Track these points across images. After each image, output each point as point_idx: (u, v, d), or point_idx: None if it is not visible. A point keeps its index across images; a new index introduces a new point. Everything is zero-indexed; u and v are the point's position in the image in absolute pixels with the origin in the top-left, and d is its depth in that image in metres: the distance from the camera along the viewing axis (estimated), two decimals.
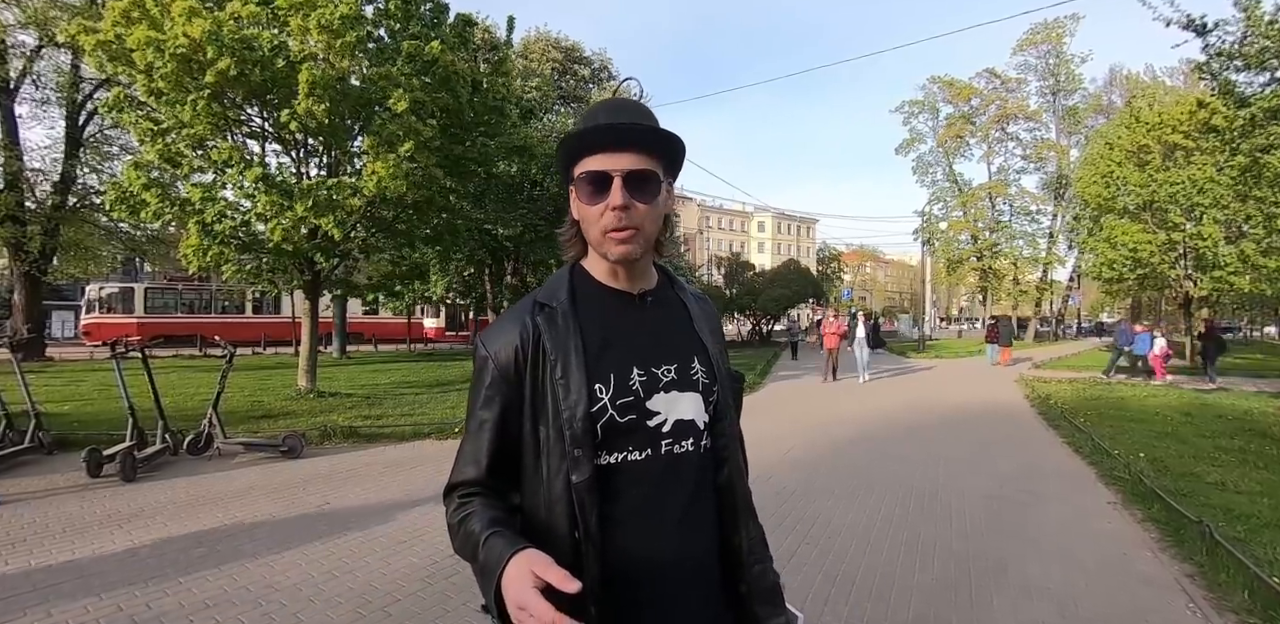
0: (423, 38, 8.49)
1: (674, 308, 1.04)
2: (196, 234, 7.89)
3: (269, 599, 2.91)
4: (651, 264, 1.03)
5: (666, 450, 0.93)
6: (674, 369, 0.96)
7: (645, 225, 0.91)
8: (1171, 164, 16.75)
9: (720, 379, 1.01)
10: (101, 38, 7.57)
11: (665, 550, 0.91)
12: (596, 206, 0.90)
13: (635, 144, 0.90)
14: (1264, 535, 3.84)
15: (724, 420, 1.01)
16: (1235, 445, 6.55)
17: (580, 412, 0.87)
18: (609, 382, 0.90)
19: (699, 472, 0.97)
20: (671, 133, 0.92)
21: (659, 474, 0.92)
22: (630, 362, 0.93)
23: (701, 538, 0.96)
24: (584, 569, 0.83)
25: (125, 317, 21.01)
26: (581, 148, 0.91)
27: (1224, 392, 11.54)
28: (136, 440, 5.18)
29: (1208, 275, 16.25)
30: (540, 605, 0.69)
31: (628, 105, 0.95)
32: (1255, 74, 7.54)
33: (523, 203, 14.25)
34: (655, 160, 0.92)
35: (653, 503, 0.91)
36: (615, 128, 0.90)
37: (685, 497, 0.94)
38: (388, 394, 9.93)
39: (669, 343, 0.99)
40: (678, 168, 0.98)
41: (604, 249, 0.92)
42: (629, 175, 0.89)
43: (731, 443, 1.02)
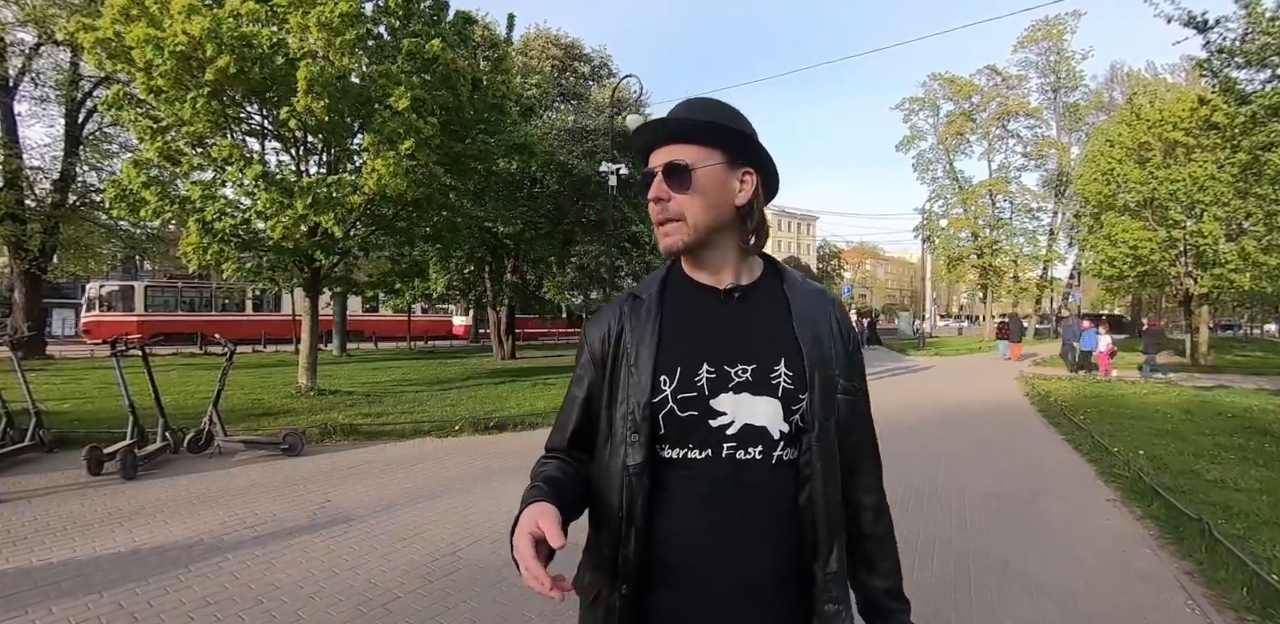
0: (423, 35, 8.46)
1: (770, 305, 0.97)
2: (196, 232, 7.88)
3: (270, 597, 2.91)
4: (741, 257, 0.98)
5: (729, 454, 0.90)
6: (751, 370, 0.91)
7: (689, 215, 0.92)
8: (1172, 161, 16.73)
9: (818, 387, 0.92)
10: (100, 35, 7.55)
11: (713, 553, 0.89)
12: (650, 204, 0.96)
13: (671, 137, 0.94)
14: (1263, 533, 3.85)
15: (811, 433, 0.91)
16: (1235, 443, 6.56)
17: (643, 400, 0.91)
18: (674, 374, 0.91)
19: (770, 483, 0.91)
20: (706, 121, 0.93)
21: (719, 477, 0.90)
22: (701, 357, 0.92)
23: (763, 552, 0.90)
24: (623, 549, 0.90)
25: (125, 315, 21.00)
26: (641, 151, 0.99)
27: (1224, 389, 11.55)
28: (137, 438, 5.18)
29: (1208, 273, 16.25)
30: (524, 549, 0.78)
31: (690, 103, 0.97)
32: (1256, 71, 7.53)
33: (523, 200, 14.24)
34: (699, 150, 0.92)
35: (708, 504, 0.90)
36: (649, 126, 0.96)
37: (746, 505, 0.90)
38: (388, 392, 9.94)
39: (751, 342, 0.94)
40: (745, 152, 0.94)
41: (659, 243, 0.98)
42: (665, 168, 0.93)
43: (820, 462, 0.91)
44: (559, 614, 2.79)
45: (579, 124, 15.61)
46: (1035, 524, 4.13)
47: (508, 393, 9.95)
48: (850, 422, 0.97)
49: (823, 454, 0.92)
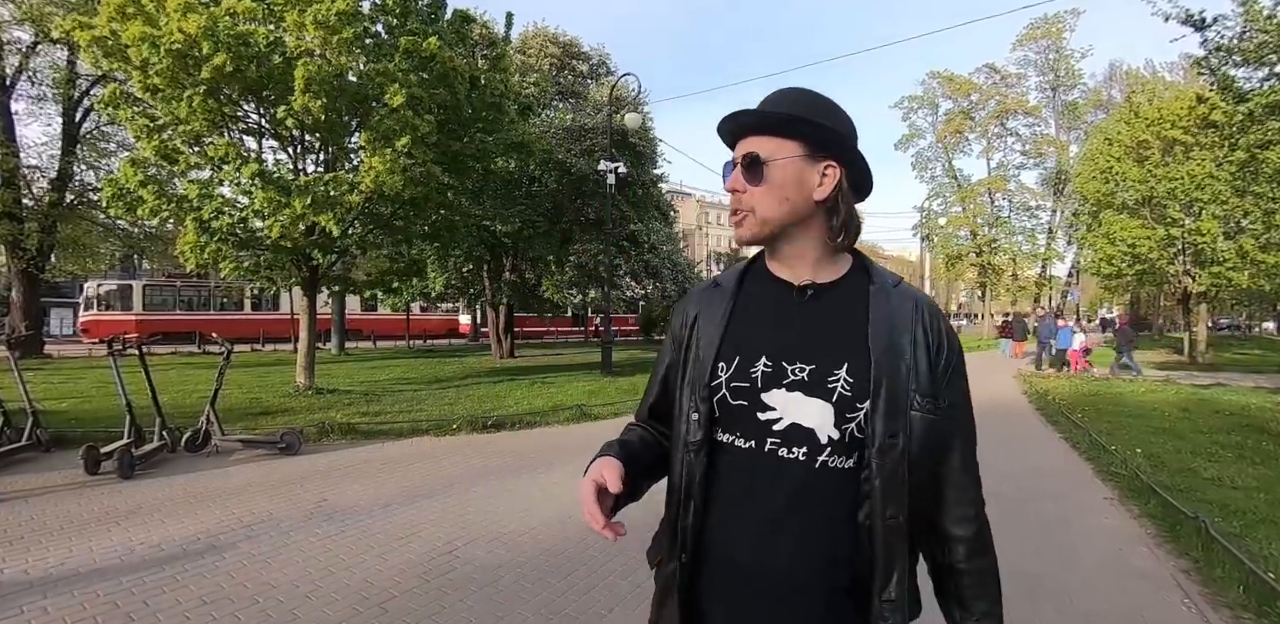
0: (420, 34, 8.44)
1: (847, 306, 0.92)
2: (194, 231, 7.87)
3: (266, 596, 2.91)
4: (823, 253, 0.94)
5: (770, 449, 0.89)
6: (809, 370, 0.89)
7: (758, 208, 0.92)
8: (1170, 159, 16.74)
9: (883, 398, 0.86)
10: (97, 33, 7.52)
11: (747, 546, 0.90)
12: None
13: (752, 129, 0.94)
14: (1259, 531, 3.85)
15: (871, 447, 0.86)
16: (1232, 441, 6.56)
17: (702, 381, 0.94)
18: (732, 363, 0.93)
19: (813, 487, 0.88)
20: (782, 113, 0.92)
21: (760, 471, 0.90)
22: (761, 350, 0.92)
23: (807, 557, 0.88)
24: (681, 521, 0.95)
25: (123, 314, 20.98)
26: (726, 141, 0.99)
27: (1222, 387, 11.57)
28: (134, 438, 5.17)
29: (1206, 271, 16.28)
30: (586, 493, 0.90)
31: (780, 94, 0.95)
32: (1254, 69, 7.53)
33: (521, 199, 14.23)
34: (777, 143, 0.91)
35: (751, 495, 0.91)
36: (730, 116, 0.96)
37: (782, 503, 0.88)
38: (386, 391, 9.93)
39: (817, 342, 0.91)
40: (828, 146, 0.91)
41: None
42: (742, 160, 0.93)
43: (879, 479, 0.85)
44: (556, 612, 2.79)
45: (577, 122, 15.59)
46: (1033, 523, 4.13)
47: (506, 392, 9.95)
48: (929, 443, 0.88)
49: (883, 471, 0.85)
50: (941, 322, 0.93)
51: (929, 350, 0.90)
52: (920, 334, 0.90)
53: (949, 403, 0.91)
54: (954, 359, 0.93)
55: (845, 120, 0.93)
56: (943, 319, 0.93)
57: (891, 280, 0.95)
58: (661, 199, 17.88)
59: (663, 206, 17.87)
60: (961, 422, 0.93)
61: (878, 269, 0.97)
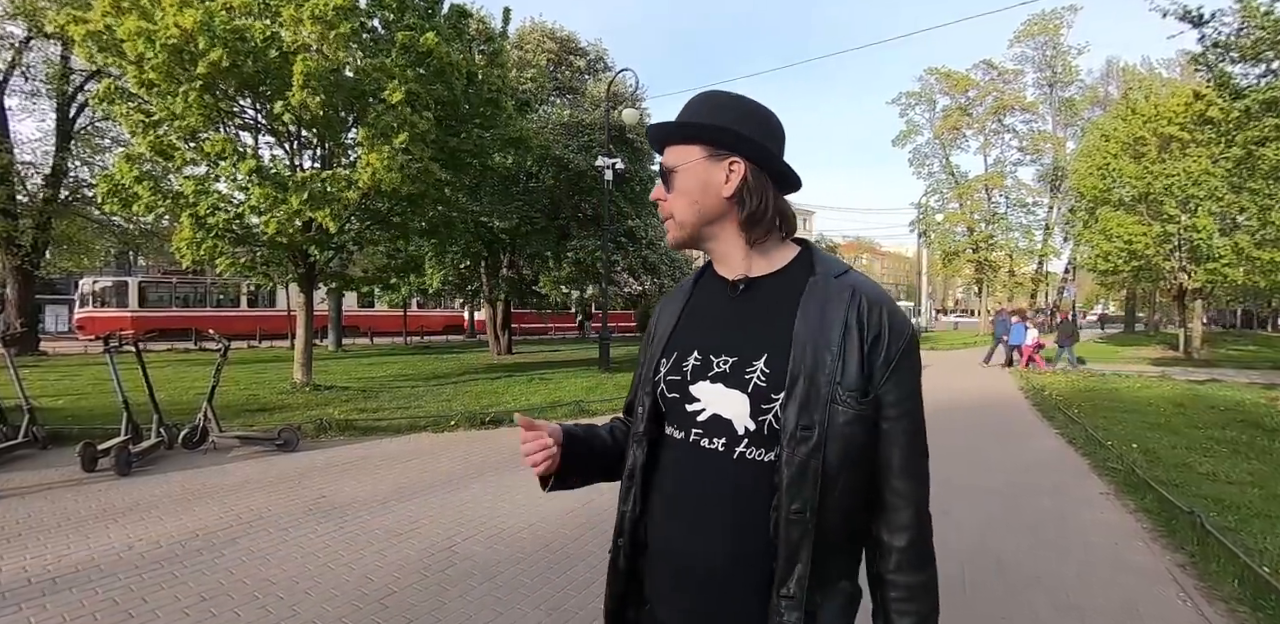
0: (417, 29, 8.40)
1: (778, 297, 0.92)
2: (190, 227, 7.84)
3: (265, 592, 2.91)
4: (752, 248, 0.95)
5: (695, 440, 0.93)
6: (731, 362, 0.91)
7: (675, 213, 0.96)
8: (1167, 156, 16.76)
9: (799, 390, 0.84)
10: (91, 28, 7.47)
11: (676, 532, 0.94)
12: None
13: (661, 142, 0.99)
14: (1254, 525, 3.88)
15: (784, 441, 0.84)
16: (1227, 436, 6.60)
17: (647, 377, 1.00)
18: (671, 358, 0.98)
19: (731, 478, 0.89)
20: (676, 122, 0.96)
21: (686, 460, 0.94)
22: (694, 344, 0.96)
23: (723, 546, 0.89)
24: (624, 508, 1.02)
25: (119, 310, 20.88)
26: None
27: (1217, 383, 11.63)
28: (131, 434, 5.16)
29: (1202, 267, 16.33)
30: (526, 437, 1.02)
31: (687, 104, 0.98)
32: (1251, 66, 7.54)
33: (518, 195, 14.19)
34: (680, 150, 0.95)
35: (678, 484, 0.95)
36: (648, 133, 1.01)
37: (704, 493, 0.91)
38: (384, 387, 9.92)
39: (740, 334, 0.93)
40: (726, 143, 0.92)
41: None
42: (659, 172, 0.99)
43: (788, 470, 0.84)
44: (555, 607, 2.79)
45: (575, 118, 15.54)
46: (1029, 518, 4.15)
47: (504, 388, 9.95)
48: (856, 440, 0.85)
49: (792, 464, 0.84)
50: (882, 311, 0.88)
51: (862, 341, 0.86)
52: (854, 324, 0.86)
53: (889, 399, 0.87)
54: (895, 352, 0.87)
55: (750, 116, 0.94)
56: (885, 309, 0.88)
57: (835, 270, 0.93)
58: None
59: None
60: (903, 420, 0.88)
61: (823, 259, 0.95)
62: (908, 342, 0.89)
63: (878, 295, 0.90)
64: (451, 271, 15.49)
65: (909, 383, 0.89)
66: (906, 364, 0.89)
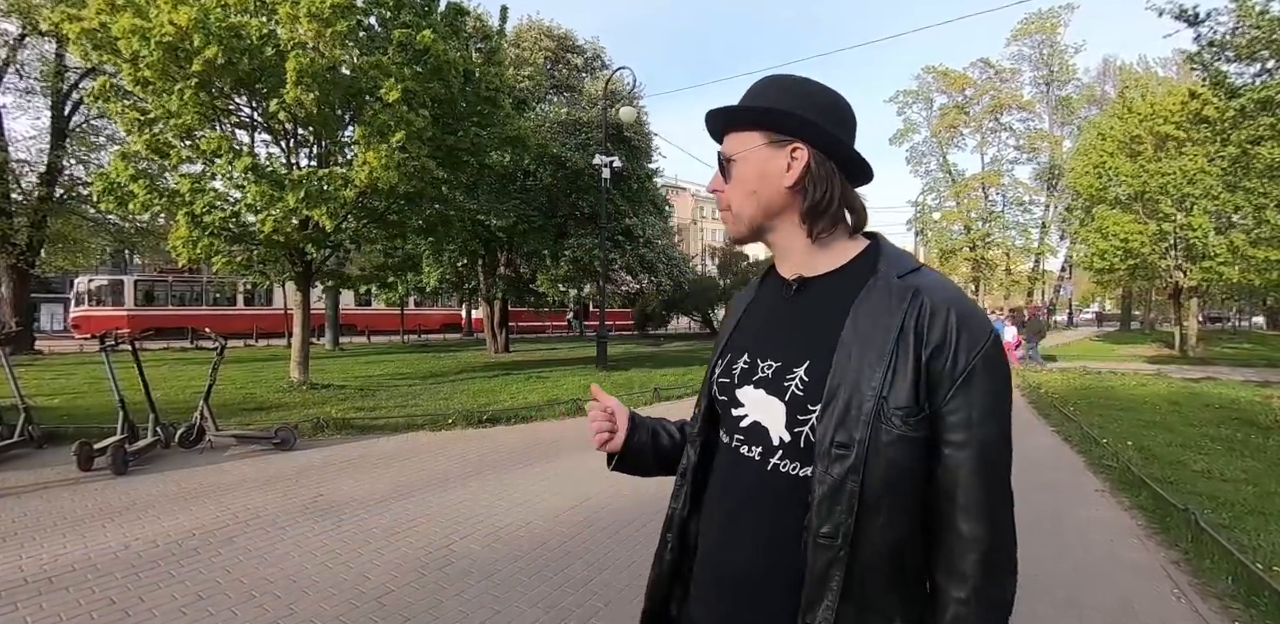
0: (414, 27, 8.38)
1: (833, 299, 0.84)
2: (186, 225, 7.82)
3: (262, 591, 2.91)
4: (813, 244, 0.88)
5: (736, 446, 0.89)
6: (775, 368, 0.85)
7: (733, 205, 0.90)
8: (1163, 155, 16.81)
9: (838, 403, 0.77)
10: (86, 26, 7.44)
11: (714, 536, 0.92)
12: None
13: (720, 129, 0.93)
14: (1248, 522, 3.90)
15: (817, 457, 0.77)
16: (1222, 434, 6.63)
17: (706, 377, 0.99)
18: (725, 359, 0.95)
19: (764, 489, 0.85)
20: (735, 107, 0.89)
21: (729, 466, 0.91)
22: (745, 346, 0.92)
23: (749, 552, 0.85)
24: (674, 504, 1.00)
25: (115, 309, 20.84)
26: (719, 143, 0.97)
27: (1212, 381, 11.68)
28: (128, 433, 5.15)
29: (1197, 265, 16.39)
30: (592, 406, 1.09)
31: (750, 88, 0.91)
32: (1246, 65, 7.56)
33: (516, 193, 14.19)
34: (740, 137, 0.89)
35: (720, 489, 0.93)
36: (707, 119, 0.93)
37: (741, 500, 0.88)
38: (381, 386, 9.91)
39: (788, 338, 0.87)
40: (789, 128, 0.85)
41: None
42: (717, 160, 0.93)
43: (820, 488, 0.76)
44: (553, 605, 2.80)
45: (572, 117, 15.53)
46: (1024, 515, 4.13)
47: (501, 386, 9.95)
48: (904, 464, 0.76)
49: (824, 484, 0.76)
50: (949, 316, 0.76)
51: (918, 351, 0.76)
52: (910, 330, 0.77)
53: (953, 421, 0.76)
54: (965, 365, 0.75)
55: (815, 100, 0.87)
56: (953, 313, 0.77)
57: (901, 268, 0.83)
58: (656, 193, 17.85)
59: (658, 201, 17.85)
60: (970, 447, 0.75)
61: (891, 256, 0.86)
62: (983, 353, 0.76)
63: (946, 298, 0.78)
64: (449, 270, 15.49)
65: (983, 403, 0.76)
66: (980, 380, 0.76)
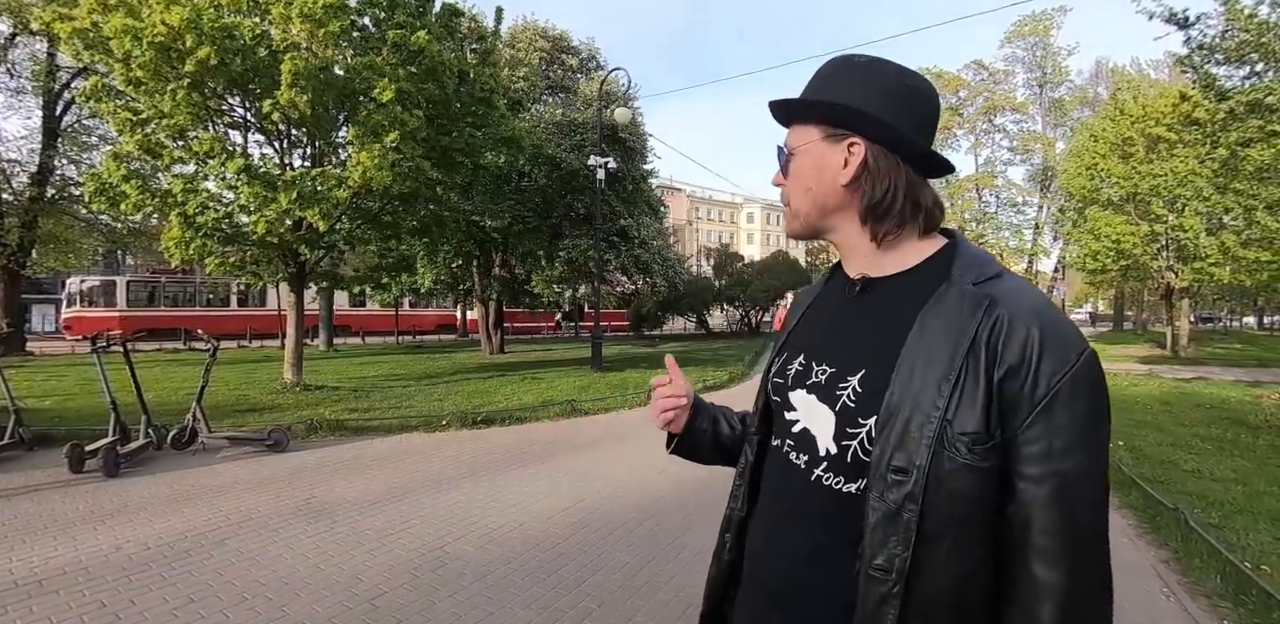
0: (408, 27, 8.37)
1: (899, 303, 0.78)
2: (178, 226, 7.78)
3: (254, 593, 2.90)
4: (884, 243, 0.81)
5: (786, 451, 0.85)
6: (828, 373, 0.80)
7: (792, 201, 0.85)
8: (1155, 156, 16.93)
9: (898, 422, 0.70)
10: (77, 25, 7.40)
11: (760, 539, 0.89)
12: None
13: (784, 121, 0.88)
14: (1237, 521, 3.94)
15: (872, 480, 0.72)
16: (1212, 434, 6.68)
17: (764, 376, 0.95)
18: (781, 359, 0.90)
19: (805, 500, 0.81)
20: (793, 100, 0.84)
21: (778, 470, 0.87)
22: (802, 347, 0.87)
23: (789, 562, 0.82)
24: (732, 504, 0.95)
25: (107, 310, 20.70)
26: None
27: (1203, 381, 11.76)
28: (119, 435, 5.12)
29: (1189, 266, 16.51)
30: (660, 381, 1.01)
31: (815, 73, 0.86)
32: (1235, 68, 7.61)
33: (510, 194, 14.16)
34: (799, 131, 0.84)
35: (769, 492, 0.89)
36: (771, 110, 0.88)
37: (783, 509, 0.84)
38: (375, 387, 9.88)
39: (846, 342, 0.82)
40: (851, 119, 0.79)
41: None
42: (778, 154, 0.88)
43: (876, 523, 0.71)
44: (546, 607, 2.80)
45: (567, 117, 15.52)
46: None
47: (496, 387, 9.93)
48: (967, 498, 0.68)
49: (878, 510, 0.70)
50: (1030, 331, 0.68)
51: (990, 370, 0.68)
52: (983, 346, 0.68)
53: (1031, 452, 0.67)
54: (1048, 388, 0.67)
55: (879, 87, 0.80)
56: (1036, 328, 0.68)
57: (979, 274, 0.74)
58: (652, 194, 17.86)
59: (653, 202, 17.86)
60: (1051, 482, 0.66)
61: (968, 259, 0.77)
62: (1071, 375, 0.67)
63: (1027, 309, 0.69)
64: (443, 271, 15.45)
65: (1070, 432, 0.67)
66: (1065, 406, 0.67)
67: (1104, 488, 0.70)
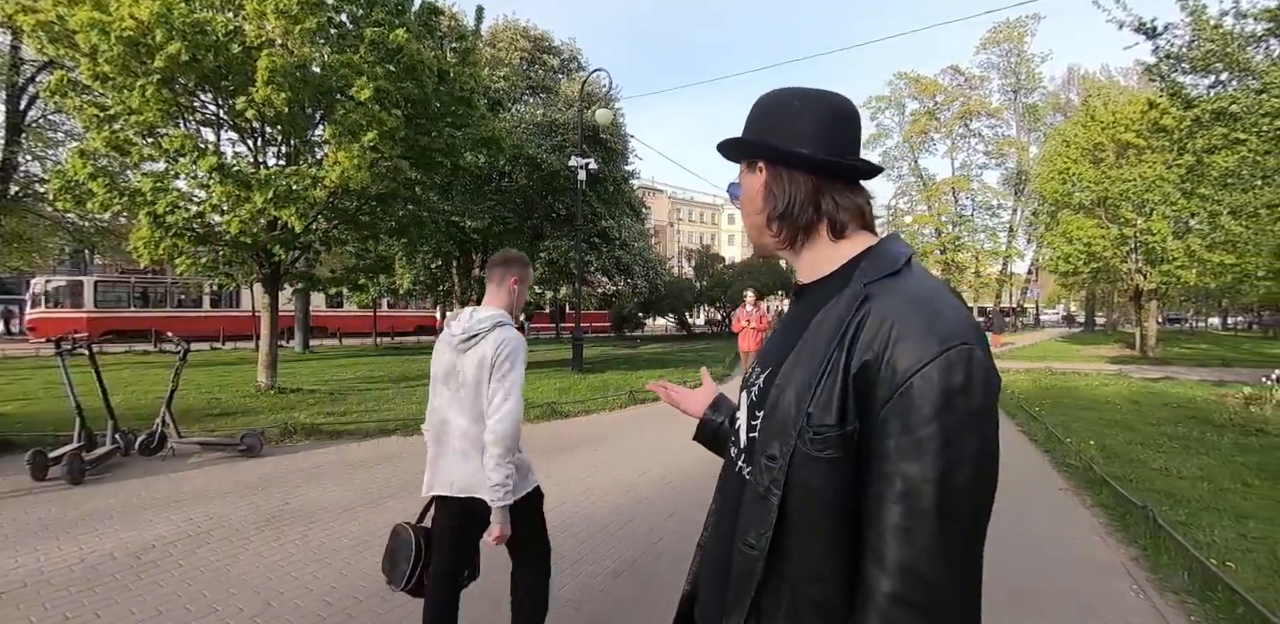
0: (386, 25, 8.26)
1: (812, 307, 0.82)
2: (147, 225, 7.59)
3: (225, 604, 2.83)
4: (815, 254, 0.86)
5: (730, 447, 0.92)
6: (763, 376, 0.85)
7: (747, 230, 0.96)
8: (1124, 162, 17.37)
9: (777, 414, 0.75)
10: (41, 18, 7.19)
11: (707, 530, 0.97)
12: None
13: (730, 159, 0.97)
14: (1203, 519, 4.04)
15: (755, 465, 0.77)
16: (1179, 433, 6.85)
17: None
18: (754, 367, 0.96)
19: (731, 488, 0.88)
20: (726, 140, 0.92)
21: (725, 465, 0.94)
22: (760, 355, 0.94)
23: (717, 554, 0.88)
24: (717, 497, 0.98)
25: (74, 311, 20.10)
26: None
27: (1171, 380, 12.07)
28: (85, 441, 4.98)
29: (1157, 269, 16.95)
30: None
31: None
32: (1201, 77, 7.84)
33: (491, 195, 14.07)
34: (741, 165, 0.93)
35: (719, 483, 0.96)
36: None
37: (722, 500, 0.92)
38: (352, 389, 9.74)
39: (775, 345, 0.89)
40: (754, 148, 0.88)
41: None
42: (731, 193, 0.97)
43: (749, 501, 0.76)
44: None
45: (548, 118, 15.47)
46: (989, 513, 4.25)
47: None
48: (814, 490, 0.70)
49: (752, 490, 0.76)
50: (890, 326, 0.68)
51: (846, 364, 0.69)
52: (847, 341, 0.70)
53: (878, 449, 0.66)
54: (897, 383, 0.65)
55: (771, 111, 0.87)
56: (896, 322, 0.68)
57: (873, 274, 0.76)
58: (633, 195, 17.88)
59: (634, 203, 17.88)
60: (892, 483, 0.64)
61: (872, 261, 0.79)
62: (921, 372, 0.64)
63: (899, 304, 0.70)
64: (422, 272, 15.30)
65: (920, 432, 0.64)
66: (918, 404, 0.64)
67: (962, 497, 0.64)
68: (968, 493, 0.65)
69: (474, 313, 2.12)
